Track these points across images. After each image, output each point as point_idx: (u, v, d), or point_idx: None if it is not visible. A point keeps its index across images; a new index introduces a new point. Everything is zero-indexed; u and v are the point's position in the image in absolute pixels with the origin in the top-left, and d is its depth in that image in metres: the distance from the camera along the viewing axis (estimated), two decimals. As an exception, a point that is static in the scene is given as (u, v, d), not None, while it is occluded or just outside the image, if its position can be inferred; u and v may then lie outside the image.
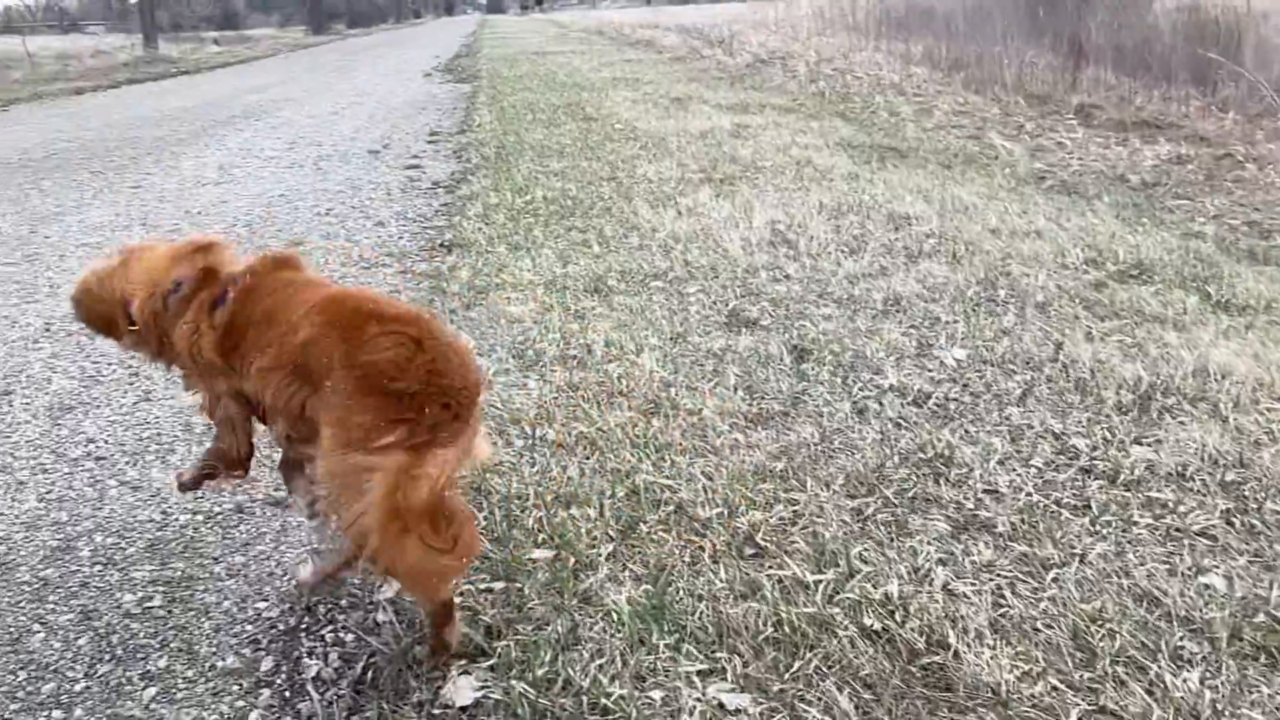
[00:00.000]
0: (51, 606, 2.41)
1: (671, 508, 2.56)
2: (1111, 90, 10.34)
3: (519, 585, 2.28)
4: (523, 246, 5.29)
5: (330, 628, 2.29)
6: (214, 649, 2.25)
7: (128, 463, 3.11)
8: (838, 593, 2.17)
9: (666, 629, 2.08)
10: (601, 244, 5.26)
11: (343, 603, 2.37)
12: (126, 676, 2.16)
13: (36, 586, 2.48)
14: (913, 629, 2.05)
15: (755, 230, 5.32)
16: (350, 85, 15.58)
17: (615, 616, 2.12)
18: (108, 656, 2.23)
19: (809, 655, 1.98)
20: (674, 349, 3.69)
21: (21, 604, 2.41)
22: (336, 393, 1.84)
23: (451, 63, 20.35)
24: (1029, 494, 2.60)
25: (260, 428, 2.31)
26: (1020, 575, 2.25)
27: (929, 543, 2.38)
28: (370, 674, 2.09)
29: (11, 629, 2.32)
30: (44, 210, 6.72)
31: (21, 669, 2.19)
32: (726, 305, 4.17)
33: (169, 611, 2.39)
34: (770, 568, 2.27)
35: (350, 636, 2.24)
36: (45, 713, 2.05)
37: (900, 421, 3.03)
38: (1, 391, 3.65)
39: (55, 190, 7.39)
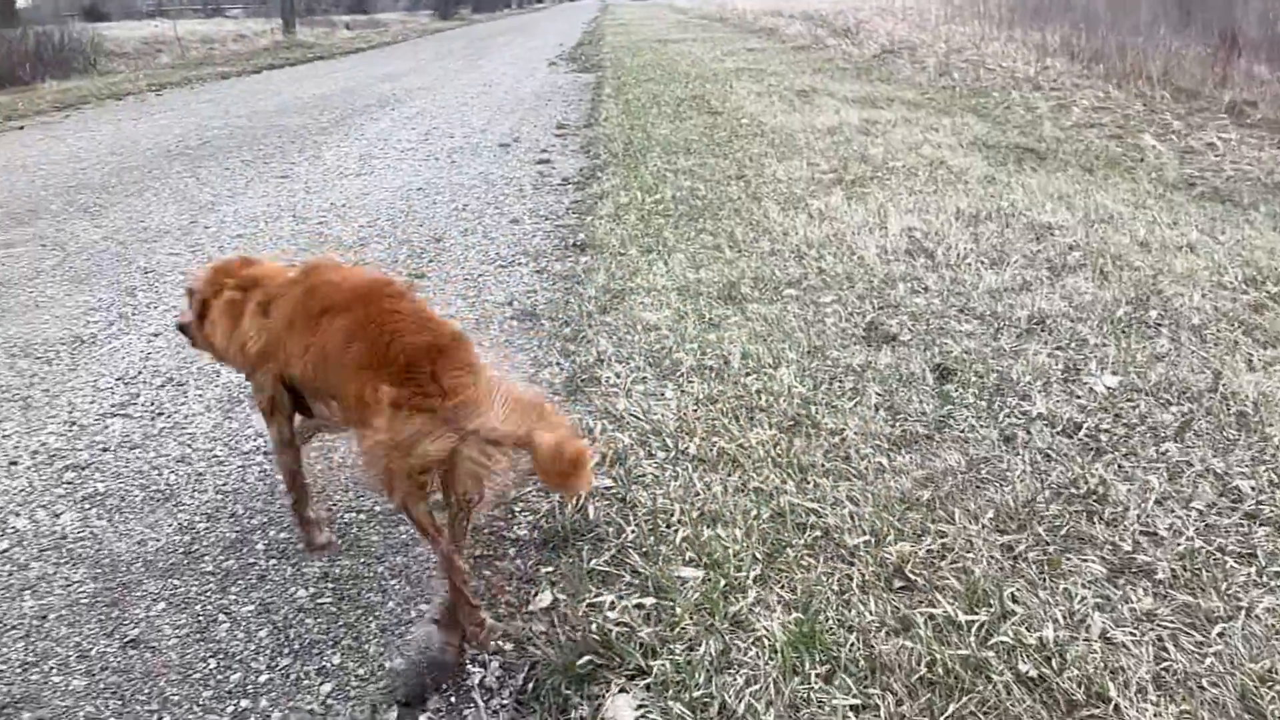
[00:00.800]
0: (234, 597, 2.59)
1: (818, 533, 2.59)
2: (1266, 86, 9.74)
3: (669, 603, 2.34)
4: (654, 249, 5.36)
5: (490, 635, 2.40)
6: (382, 649, 2.39)
7: (294, 458, 3.31)
8: (991, 634, 2.17)
9: (818, 659, 2.11)
10: (733, 248, 5.28)
11: (500, 610, 2.48)
12: (304, 671, 2.32)
13: (220, 577, 2.68)
14: (1071, 678, 2.03)
15: (891, 238, 5.25)
16: (478, 74, 15.92)
17: (767, 643, 2.16)
18: (286, 650, 2.39)
19: (964, 699, 1.98)
20: (812, 363, 3.69)
21: (208, 593, 2.61)
22: None
23: (575, 51, 20.56)
24: (1190, 538, 2.52)
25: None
26: (1183, 627, 2.20)
27: (1084, 586, 2.34)
28: (531, 686, 2.19)
29: (200, 617, 2.51)
30: (202, 199, 7.13)
31: (211, 657, 2.37)
32: (864, 318, 4.15)
33: (339, 608, 2.55)
34: (921, 604, 2.28)
35: (509, 645, 2.35)
36: (234, 701, 2.23)
37: (1050, 453, 2.97)
38: (176, 383, 3.92)
39: (211, 179, 7.82)
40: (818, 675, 2.08)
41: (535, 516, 2.90)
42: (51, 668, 2.31)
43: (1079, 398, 3.34)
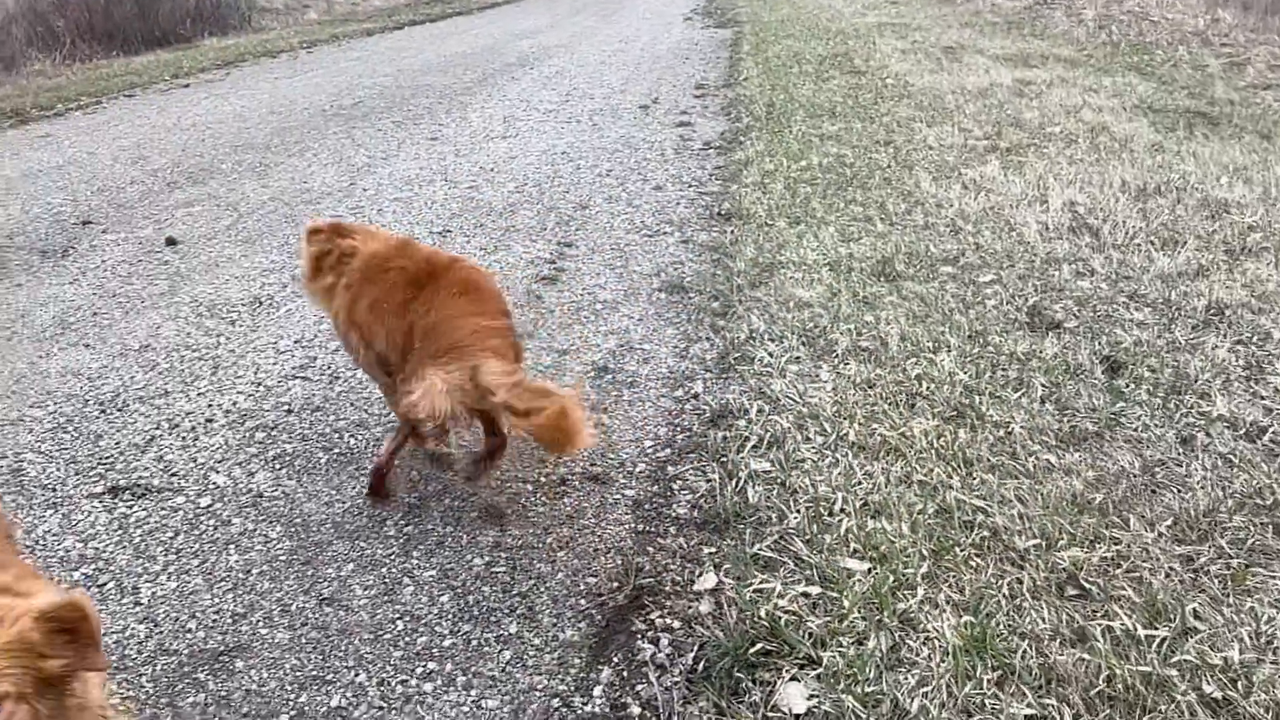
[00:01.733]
0: (416, 561, 2.76)
1: (985, 532, 2.57)
2: None
3: (835, 594, 2.38)
4: (803, 220, 5.31)
5: (657, 613, 2.49)
6: (555, 620, 2.51)
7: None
8: (1173, 652, 2.12)
9: (989, 664, 2.12)
10: (884, 220, 5.19)
11: (666, 588, 2.56)
12: (484, 637, 2.47)
13: (402, 541, 2.85)
14: (1258, 703, 1.98)
15: (1052, 213, 5.05)
16: (613, 30, 15.89)
17: (938, 644, 2.17)
18: (467, 616, 2.54)
19: (1145, 718, 1.96)
20: (973, 349, 3.62)
21: (392, 557, 2.78)
22: None
23: (709, 4, 20.25)
24: (1391, 559, 2.39)
25: None
26: (1384, 654, 2.10)
27: (1272, 604, 2.26)
28: (701, 665, 2.27)
29: (386, 580, 2.69)
30: (358, 161, 7.42)
31: (399, 619, 2.54)
32: (1026, 301, 4.03)
33: (512, 577, 2.68)
34: (1097, 614, 2.25)
35: (677, 624, 2.44)
36: (422, 663, 2.39)
37: (1232, 458, 2.85)
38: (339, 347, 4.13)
39: (365, 140, 8.12)
40: (989, 681, 2.08)
41: (694, 496, 2.97)
42: (259, 620, 2.52)
43: (1264, 399, 3.18)
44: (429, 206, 6.14)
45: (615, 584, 2.62)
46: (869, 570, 2.44)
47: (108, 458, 3.26)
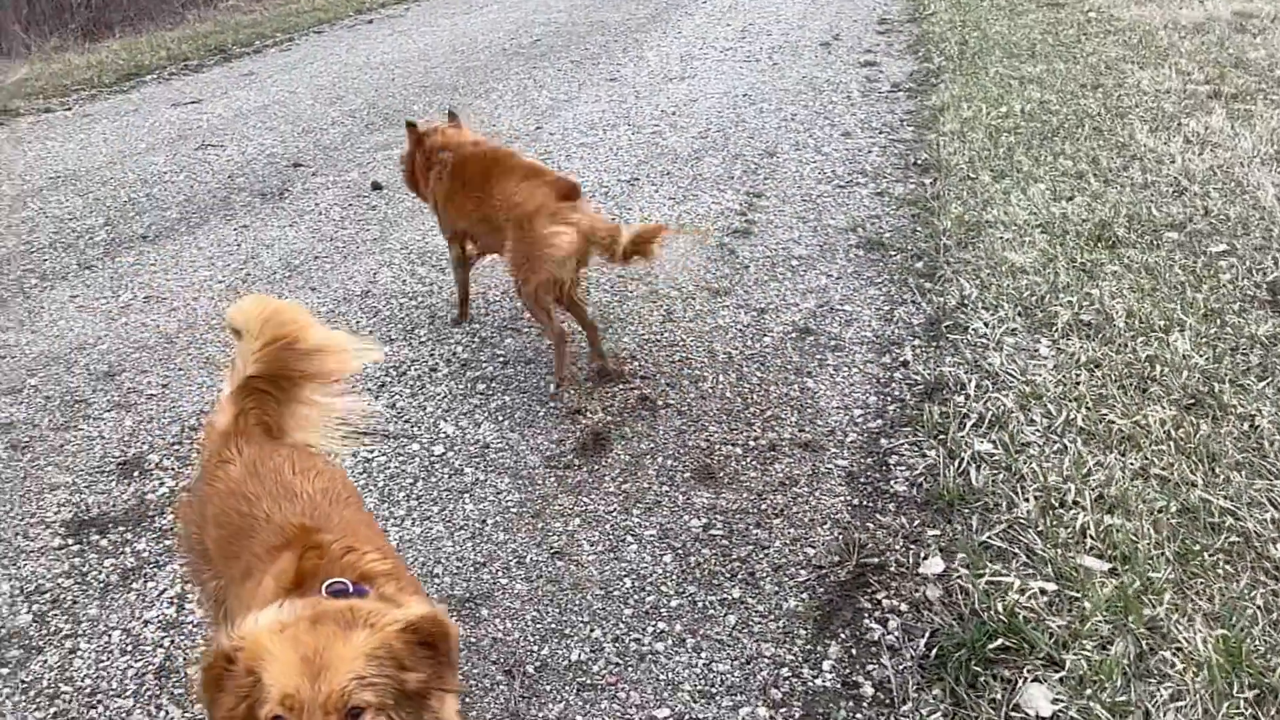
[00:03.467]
0: (636, 520, 2.86)
1: (1236, 537, 2.45)
2: None
3: (1074, 594, 2.33)
4: (1008, 174, 5.07)
5: (883, 592, 2.51)
6: (776, 588, 2.57)
7: (667, 382, 3.53)
8: None
9: (1247, 682, 2.04)
10: (1098, 177, 4.90)
11: (891, 568, 2.57)
12: (709, 600, 2.54)
13: (621, 499, 2.95)
14: None
15: (1293, 175, 4.65)
16: (786, -43, 15.36)
17: (1191, 656, 2.11)
18: (690, 578, 2.62)
19: None
20: (1208, 329, 3.41)
21: (614, 514, 2.89)
22: None
23: (885, -74, 19.27)
24: None
25: None
26: None
27: None
28: (934, 653, 2.27)
29: (611, 536, 2.80)
30: (541, 104, 7.52)
31: (627, 576, 2.65)
32: (1265, 276, 3.75)
33: (730, 541, 2.75)
34: (1372, 635, 2.12)
35: (904, 606, 2.45)
36: (652, 623, 2.49)
37: None
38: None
39: (546, 81, 8.21)
40: (1246, 701, 2.01)
41: (912, 473, 2.95)
42: (498, 570, 2.68)
43: None
44: (614, 153, 6.18)
45: (836, 558, 2.64)
46: (1110, 570, 2.37)
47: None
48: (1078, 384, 3.17)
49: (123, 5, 14.02)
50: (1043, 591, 2.36)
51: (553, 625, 2.48)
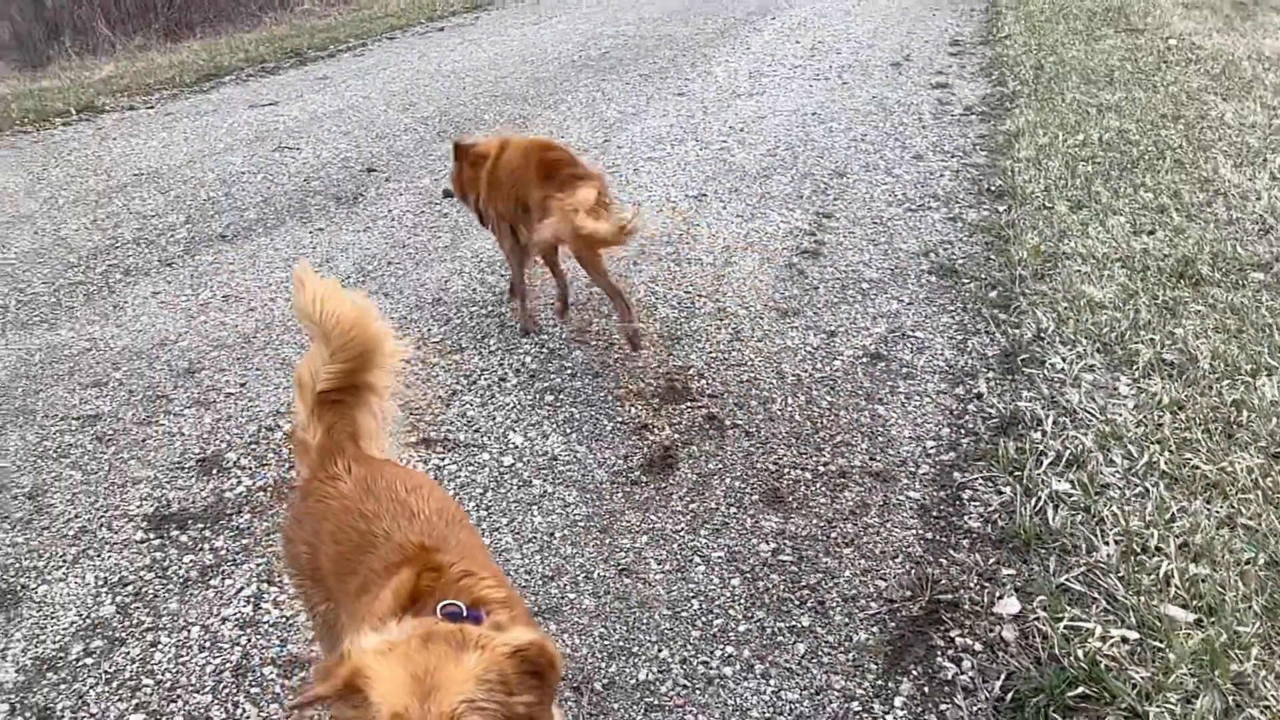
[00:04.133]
0: (704, 540, 2.85)
1: (1330, 592, 2.37)
2: None
3: (1158, 644, 2.27)
4: (1085, 205, 4.98)
5: (957, 631, 2.47)
6: (846, 619, 2.54)
7: (736, 404, 3.52)
8: None
9: (1343, 744, 1.97)
10: (1180, 211, 4.79)
11: (965, 605, 2.53)
12: (777, 627, 2.53)
13: (689, 518, 2.95)
14: None
15: (1387, 216, 4.50)
16: (856, -25, 15.29)
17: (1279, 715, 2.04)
18: (758, 603, 2.61)
19: None
20: (1298, 374, 3.31)
21: (681, 532, 2.89)
22: None
23: (957, -54, 19.09)
24: None
25: None
26: None
27: None
28: (1010, 696, 2.23)
29: (678, 556, 2.79)
30: (610, 116, 7.56)
31: (694, 598, 2.64)
32: (1359, 321, 3.63)
33: (799, 569, 2.73)
34: None
35: (979, 646, 2.41)
36: (721, 646, 2.47)
37: None
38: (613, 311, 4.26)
39: (614, 94, 8.25)
40: (1344, 762, 1.94)
41: (986, 509, 2.90)
42: (566, 584, 2.69)
43: None
44: (682, 168, 6.19)
45: (908, 592, 2.61)
46: (1196, 621, 2.30)
47: (417, 408, 3.54)
48: (1159, 426, 3.09)
49: (203, 6, 14.40)
50: (1124, 640, 2.30)
51: (620, 643, 2.49)
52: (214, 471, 3.15)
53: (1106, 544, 2.61)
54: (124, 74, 10.16)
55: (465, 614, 1.25)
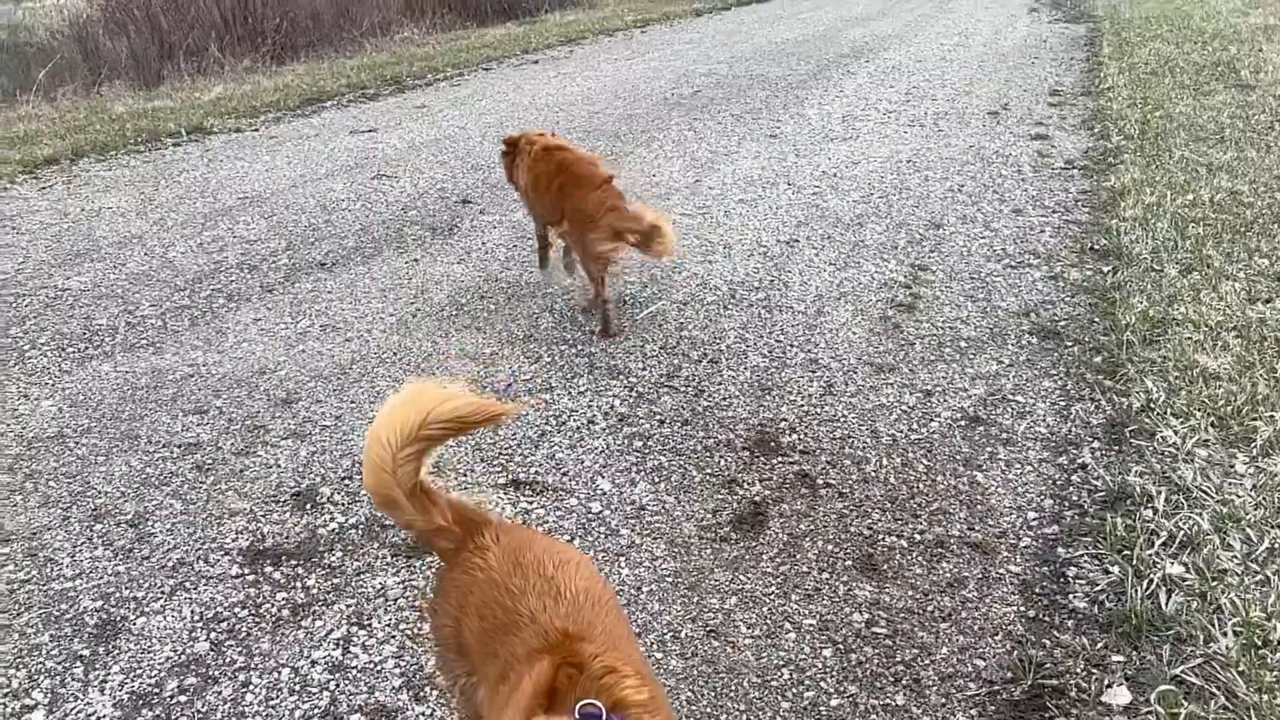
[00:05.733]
0: (795, 606, 2.78)
1: None
2: None
3: (1285, 752, 2.13)
4: (1196, 269, 4.80)
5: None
6: (944, 699, 2.44)
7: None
8: None
9: None
10: (1299, 281, 4.58)
11: (1071, 693, 2.41)
12: (870, 704, 2.44)
13: (779, 581, 2.88)
14: None
15: None
16: (950, 21, 15.16)
17: None
18: (851, 676, 2.52)
19: None
20: None
21: (771, 596, 2.82)
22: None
23: (1056, -8, 18.81)
24: None
25: None
26: None
27: None
28: (1123, 800, 2.11)
29: (768, 620, 2.73)
30: (701, 156, 7.58)
31: (784, 666, 2.56)
32: None
33: (894, 642, 2.63)
34: None
35: (1086, 741, 2.29)
36: (810, 717, 2.40)
37: None
38: (710, 360, 4.23)
39: (706, 134, 8.28)
40: None
41: (1093, 589, 2.77)
42: (653, 642, 2.64)
43: None
44: (773, 212, 6.16)
45: (1009, 674, 2.50)
46: (1329, 729, 2.16)
47: (507, 449, 3.54)
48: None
49: (308, 31, 14.92)
50: (1247, 742, 2.16)
51: (708, 710, 2.43)
52: (308, 506, 3.20)
53: (1225, 635, 2.46)
54: (232, 96, 10.57)
55: (604, 716, 1.22)
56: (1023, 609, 2.74)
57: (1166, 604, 2.62)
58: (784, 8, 18.47)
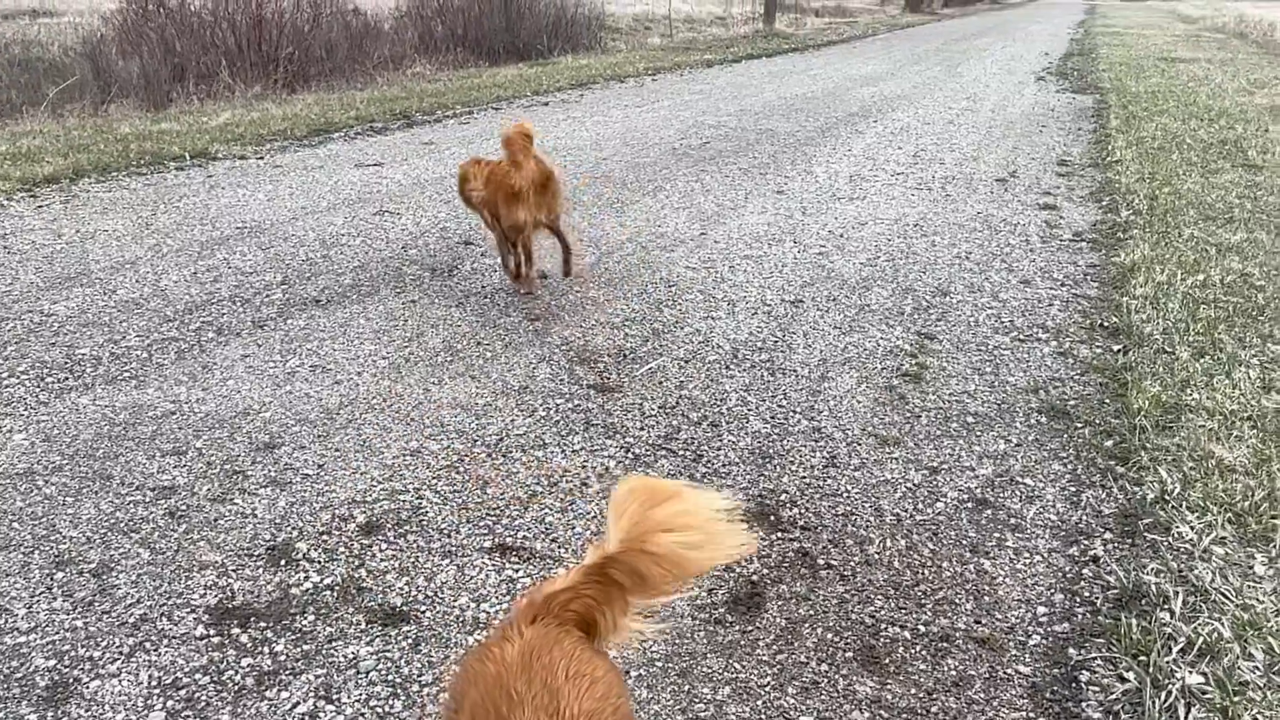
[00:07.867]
0: (792, 701, 2.62)
1: None
2: None
3: None
4: (1208, 353, 4.70)
5: None
6: (947, 815, 2.28)
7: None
8: None
9: None
10: (1314, 371, 4.47)
11: (1083, 818, 2.25)
12: (870, 815, 2.27)
13: (775, 671, 2.71)
14: None
15: None
16: (958, 85, 15.28)
17: None
18: (850, 782, 2.36)
19: None
20: None
21: (766, 688, 2.66)
22: None
23: (1064, 63, 19.03)
24: None
25: None
26: None
27: None
28: None
29: (762, 716, 2.56)
30: (708, 209, 7.51)
31: (779, 767, 2.40)
32: None
33: (895, 745, 2.47)
34: None
35: None
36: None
37: None
38: (710, 423, 4.10)
39: (713, 186, 8.22)
40: None
41: (1107, 697, 2.62)
42: (640, 733, 2.48)
43: None
44: (779, 270, 6.07)
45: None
46: None
47: (495, 509, 3.39)
48: (1306, 621, 2.79)
49: (321, 61, 14.96)
50: None
51: (696, 814, 2.26)
52: (282, 562, 3.03)
53: (1252, 761, 2.31)
54: (239, 122, 10.53)
55: None
56: (1032, 714, 2.58)
57: (1186, 717, 2.47)
58: (794, 64, 18.63)
